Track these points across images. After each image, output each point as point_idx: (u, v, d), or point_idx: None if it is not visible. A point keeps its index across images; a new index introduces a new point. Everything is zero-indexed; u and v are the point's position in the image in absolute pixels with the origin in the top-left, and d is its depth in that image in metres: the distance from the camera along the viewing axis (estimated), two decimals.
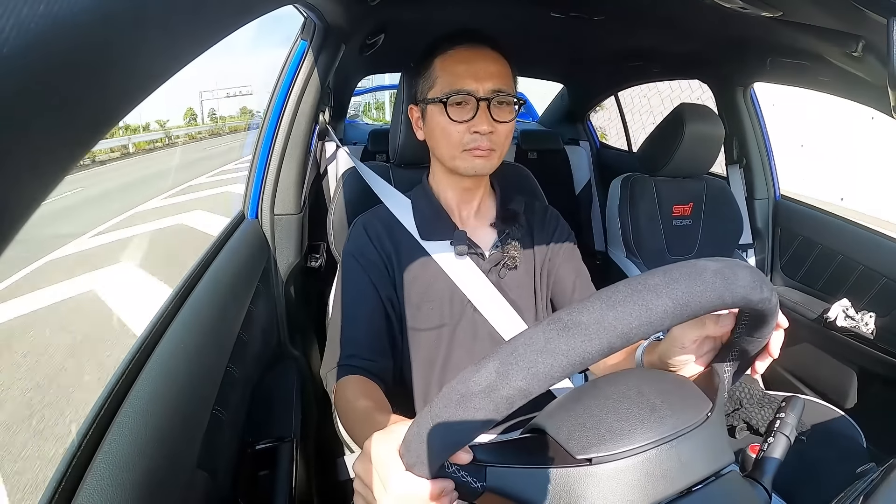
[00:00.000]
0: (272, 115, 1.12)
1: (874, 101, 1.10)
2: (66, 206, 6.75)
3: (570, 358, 0.36)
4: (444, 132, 0.83)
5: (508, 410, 0.37)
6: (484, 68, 0.81)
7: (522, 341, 0.37)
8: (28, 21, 0.16)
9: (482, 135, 0.81)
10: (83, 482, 0.43)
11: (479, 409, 0.36)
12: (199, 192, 7.65)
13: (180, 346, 0.63)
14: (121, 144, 13.88)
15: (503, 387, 0.36)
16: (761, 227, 1.73)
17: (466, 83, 0.80)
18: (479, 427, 0.37)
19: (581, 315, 0.37)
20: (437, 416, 0.38)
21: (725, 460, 0.45)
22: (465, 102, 0.81)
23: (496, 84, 0.81)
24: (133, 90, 0.23)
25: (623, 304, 0.37)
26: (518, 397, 0.36)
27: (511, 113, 0.83)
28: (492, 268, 0.89)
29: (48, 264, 4.26)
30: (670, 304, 0.37)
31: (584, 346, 0.36)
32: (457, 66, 0.82)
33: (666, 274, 0.39)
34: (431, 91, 0.84)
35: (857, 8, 0.59)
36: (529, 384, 0.36)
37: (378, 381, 0.78)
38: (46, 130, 0.18)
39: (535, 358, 0.36)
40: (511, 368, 0.36)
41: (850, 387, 1.41)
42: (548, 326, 0.37)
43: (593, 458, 0.42)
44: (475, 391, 0.37)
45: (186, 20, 0.26)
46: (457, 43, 0.84)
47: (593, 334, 0.36)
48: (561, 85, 2.63)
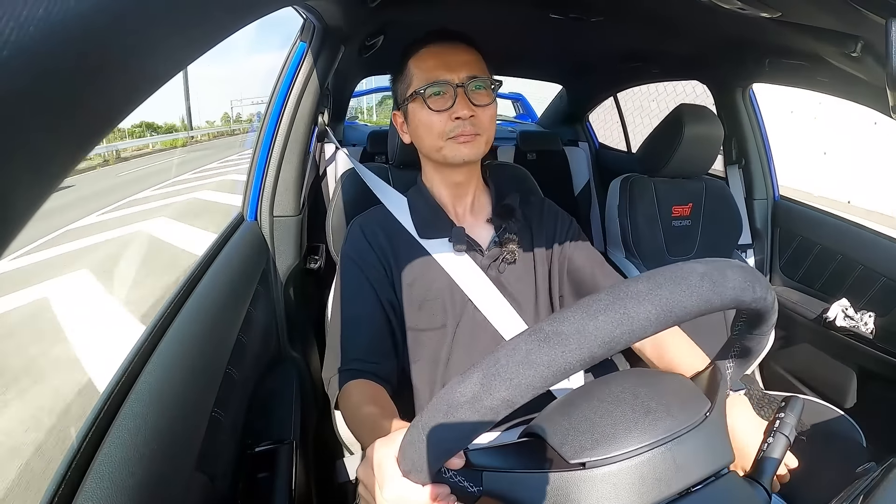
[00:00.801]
0: (271, 117, 1.12)
1: (873, 102, 1.10)
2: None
3: (552, 368, 0.36)
4: (426, 125, 0.84)
5: (495, 419, 0.37)
6: (455, 58, 0.83)
7: (505, 353, 0.37)
8: (27, 24, 0.16)
9: (464, 120, 0.82)
10: (83, 484, 0.43)
11: (465, 419, 0.37)
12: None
13: (180, 348, 0.63)
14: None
15: (486, 398, 0.36)
16: (760, 228, 1.73)
17: (440, 74, 0.82)
18: (467, 435, 0.38)
19: (562, 325, 0.37)
20: (427, 425, 0.39)
21: (726, 460, 0.45)
22: (444, 92, 0.82)
23: (470, 70, 0.83)
24: (133, 92, 0.23)
25: (604, 313, 0.37)
26: (502, 407, 0.36)
27: (489, 96, 0.84)
28: (491, 263, 0.89)
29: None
30: (653, 311, 0.37)
31: (563, 356, 0.36)
32: (429, 61, 0.84)
33: (650, 279, 0.38)
34: (409, 89, 0.85)
35: (855, 8, 0.59)
36: (512, 395, 0.36)
37: (384, 384, 0.78)
38: (46, 132, 0.18)
39: (517, 369, 0.36)
40: (494, 380, 0.36)
41: (849, 386, 1.41)
42: (529, 337, 0.37)
43: (587, 463, 0.42)
44: (461, 402, 0.37)
45: (186, 22, 0.26)
46: (427, 42, 0.86)
47: (573, 344, 0.36)
48: (560, 86, 2.63)
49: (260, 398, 0.89)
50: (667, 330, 0.40)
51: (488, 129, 0.85)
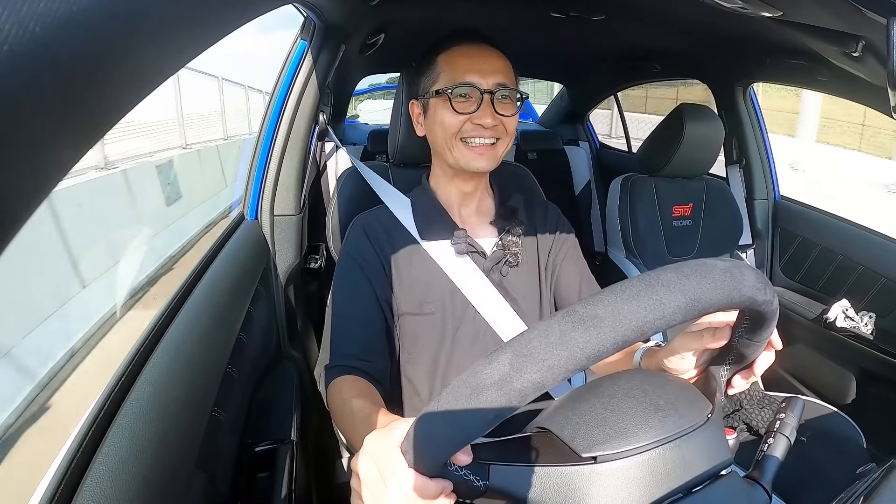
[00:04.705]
0: (272, 116, 1.11)
1: (873, 102, 1.11)
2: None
3: (586, 350, 0.36)
4: (445, 124, 0.83)
5: (521, 404, 0.36)
6: (487, 62, 0.82)
7: (537, 334, 0.37)
8: (27, 20, 0.16)
9: (485, 128, 0.81)
10: (82, 483, 0.43)
11: (490, 402, 0.36)
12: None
13: (180, 347, 0.63)
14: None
15: (516, 379, 0.36)
16: (761, 228, 1.73)
17: (471, 76, 0.81)
18: (489, 421, 0.37)
19: (597, 308, 0.37)
20: (446, 410, 0.38)
21: (726, 461, 0.45)
22: (470, 95, 0.81)
23: (500, 78, 0.82)
24: (133, 89, 0.23)
25: (638, 298, 0.37)
26: (531, 390, 0.36)
27: (514, 107, 0.84)
28: (493, 266, 0.88)
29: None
30: (682, 300, 0.37)
31: (598, 339, 0.36)
32: (461, 61, 0.83)
33: (678, 270, 0.39)
34: (435, 85, 0.84)
35: (856, 8, 0.59)
36: (544, 377, 0.36)
37: (375, 383, 0.77)
38: (47, 129, 0.18)
39: (551, 350, 0.36)
40: (525, 360, 0.36)
41: (849, 387, 1.41)
42: (563, 319, 0.37)
43: (598, 457, 0.41)
44: (487, 384, 0.36)
45: (187, 19, 0.26)
46: (459, 41, 0.85)
47: (608, 327, 0.36)
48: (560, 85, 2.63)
49: (260, 398, 0.89)
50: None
51: (509, 137, 0.85)
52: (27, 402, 2.45)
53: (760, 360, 0.53)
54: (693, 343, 0.57)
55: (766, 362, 0.54)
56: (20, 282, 3.08)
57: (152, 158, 6.08)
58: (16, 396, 2.47)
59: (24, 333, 2.91)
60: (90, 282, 3.81)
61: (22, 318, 2.99)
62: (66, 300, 3.50)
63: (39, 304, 3.21)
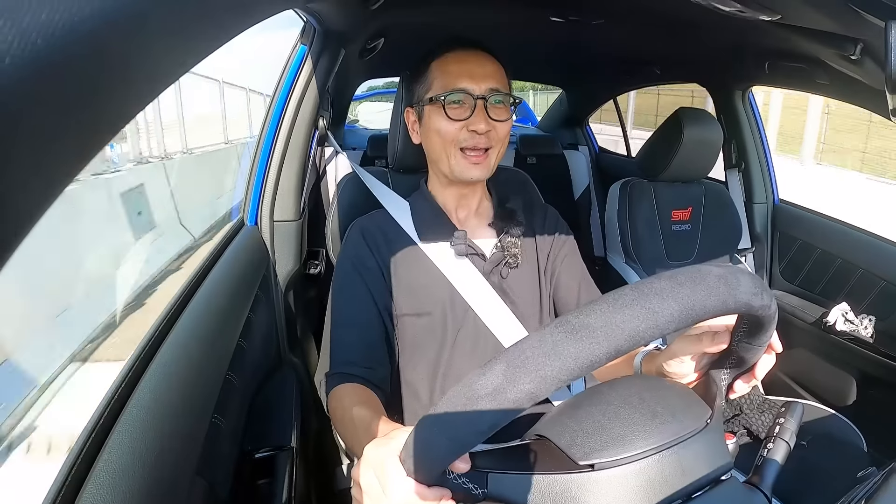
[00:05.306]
0: (271, 121, 1.11)
1: (872, 105, 1.11)
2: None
3: (578, 361, 0.36)
4: (440, 132, 0.83)
5: (516, 413, 0.36)
6: (480, 68, 0.82)
7: (530, 344, 0.37)
8: (30, 29, 0.16)
9: (480, 134, 0.81)
10: (82, 490, 0.43)
11: (484, 412, 0.36)
12: None
13: (180, 353, 0.63)
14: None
15: (510, 389, 0.36)
16: (760, 232, 1.73)
17: (463, 82, 0.81)
18: (484, 431, 0.37)
19: (588, 318, 0.37)
20: (442, 419, 0.38)
21: (725, 467, 0.45)
22: (463, 102, 0.81)
23: (492, 83, 0.82)
24: (136, 95, 0.23)
25: (630, 307, 0.37)
26: (525, 400, 0.36)
27: (507, 112, 0.84)
28: (493, 268, 0.88)
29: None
30: (676, 308, 0.37)
31: (591, 349, 0.36)
32: (453, 67, 0.83)
33: (671, 278, 0.39)
34: (429, 92, 0.84)
35: (855, 11, 0.59)
36: (537, 387, 0.36)
37: (376, 391, 0.77)
38: (52, 136, 0.18)
39: (544, 361, 0.36)
40: (518, 371, 0.36)
41: (849, 391, 1.40)
42: (555, 329, 0.37)
43: (595, 464, 0.41)
44: (482, 394, 0.36)
45: (188, 26, 0.26)
46: (451, 47, 0.85)
47: (601, 337, 0.36)
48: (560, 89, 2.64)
49: (260, 404, 0.89)
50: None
51: (502, 143, 0.85)
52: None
53: (761, 363, 0.53)
54: (692, 347, 0.57)
55: (767, 365, 0.54)
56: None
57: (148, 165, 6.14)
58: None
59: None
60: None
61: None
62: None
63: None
